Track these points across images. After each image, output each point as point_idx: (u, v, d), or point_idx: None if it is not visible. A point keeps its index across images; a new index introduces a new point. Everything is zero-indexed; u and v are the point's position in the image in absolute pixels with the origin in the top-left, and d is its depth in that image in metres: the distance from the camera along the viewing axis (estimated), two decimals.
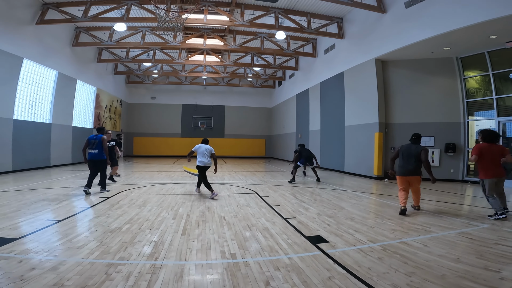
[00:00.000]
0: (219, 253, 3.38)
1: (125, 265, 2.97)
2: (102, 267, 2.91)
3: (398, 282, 2.59)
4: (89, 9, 11.42)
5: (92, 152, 6.88)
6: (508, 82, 9.19)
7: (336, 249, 3.48)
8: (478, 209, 5.95)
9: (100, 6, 11.57)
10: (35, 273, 2.70)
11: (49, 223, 4.38)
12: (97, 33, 14.33)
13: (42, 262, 2.94)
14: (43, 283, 2.51)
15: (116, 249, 3.42)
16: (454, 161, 10.15)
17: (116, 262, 3.04)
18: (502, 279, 2.58)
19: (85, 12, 11.35)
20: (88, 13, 11.40)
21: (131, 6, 11.46)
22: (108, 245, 3.54)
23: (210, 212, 5.38)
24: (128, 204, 5.82)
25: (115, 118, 20.20)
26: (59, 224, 4.35)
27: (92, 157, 6.87)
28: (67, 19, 11.50)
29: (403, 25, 9.50)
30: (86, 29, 14.08)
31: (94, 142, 6.88)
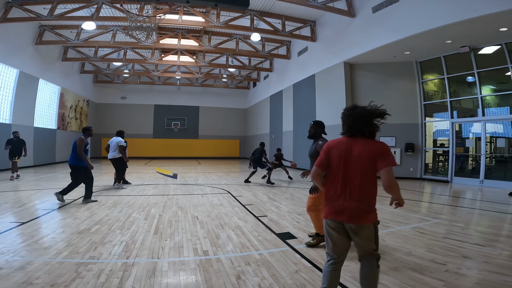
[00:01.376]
0: (192, 250, 3.47)
1: (96, 264, 2.98)
2: (72, 266, 2.91)
3: (357, 273, 2.78)
4: (56, 7, 10.88)
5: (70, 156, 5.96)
6: (465, 85, 10.05)
7: (303, 245, 3.70)
8: (433, 205, 6.50)
9: (68, 4, 11.06)
10: (3, 272, 2.69)
11: (13, 225, 4.22)
12: (63, 31, 13.69)
13: (9, 262, 2.92)
14: (12, 281, 2.52)
15: (85, 249, 3.40)
16: (413, 160, 10.91)
17: (86, 261, 3.04)
18: (447, 271, 2.83)
19: (51, 11, 10.81)
20: (54, 11, 10.87)
21: (102, 5, 11.09)
22: (76, 245, 3.51)
23: (183, 212, 5.42)
24: (97, 206, 5.69)
25: (81, 118, 19.33)
26: (23, 226, 4.21)
27: (69, 162, 5.95)
28: (32, 17, 10.88)
29: (370, 29, 10.04)
30: (51, 28, 13.40)
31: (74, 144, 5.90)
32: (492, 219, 5.01)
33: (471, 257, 3.22)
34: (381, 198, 6.91)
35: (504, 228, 4.46)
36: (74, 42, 13.57)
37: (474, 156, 9.73)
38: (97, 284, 2.55)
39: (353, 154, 2.07)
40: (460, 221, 4.80)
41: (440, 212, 5.61)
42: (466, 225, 4.56)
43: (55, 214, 5.08)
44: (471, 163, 9.99)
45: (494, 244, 3.62)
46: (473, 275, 2.76)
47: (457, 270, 2.87)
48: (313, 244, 3.64)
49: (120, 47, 15.95)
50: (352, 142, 2.12)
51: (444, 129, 10.63)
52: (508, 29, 7.56)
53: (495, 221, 4.84)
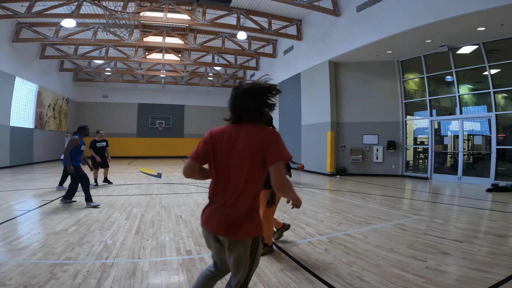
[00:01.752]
0: (174, 250, 3.40)
1: (72, 265, 2.88)
2: (46, 267, 2.80)
3: (341, 271, 2.85)
4: (34, 4, 10.43)
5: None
6: (444, 84, 10.36)
7: (288, 243, 3.69)
8: (414, 202, 6.67)
9: (46, 1, 10.62)
10: None
11: None
12: (42, 29, 13.17)
13: None
14: None
15: (61, 250, 3.28)
16: (395, 158, 11.18)
17: (62, 262, 2.94)
18: (427, 268, 2.86)
19: (29, 8, 10.36)
20: (32, 9, 10.42)
21: (83, 3, 10.72)
22: (52, 246, 3.38)
23: (167, 211, 5.32)
24: (76, 206, 5.50)
25: (60, 117, 18.66)
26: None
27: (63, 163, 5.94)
28: (9, 15, 10.39)
29: (354, 28, 10.17)
30: (29, 25, 12.85)
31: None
32: (470, 215, 5.19)
33: (450, 253, 3.29)
34: (364, 195, 7.03)
35: (481, 224, 4.61)
36: (52, 40, 13.10)
37: (452, 154, 10.07)
38: (73, 285, 2.46)
39: (236, 145, 1.56)
40: (440, 218, 4.93)
41: (420, 208, 5.75)
42: (445, 221, 4.69)
43: (32, 215, 4.87)
44: (449, 160, 10.33)
45: (472, 240, 3.71)
46: (453, 272, 2.81)
47: (437, 267, 2.91)
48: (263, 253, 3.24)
49: (102, 44, 15.49)
50: (237, 130, 1.60)
51: (424, 127, 10.94)
52: (485, 28, 7.82)
53: (473, 217, 5.01)
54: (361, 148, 11.46)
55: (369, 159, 11.40)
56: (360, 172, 11.43)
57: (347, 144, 11.66)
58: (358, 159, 11.40)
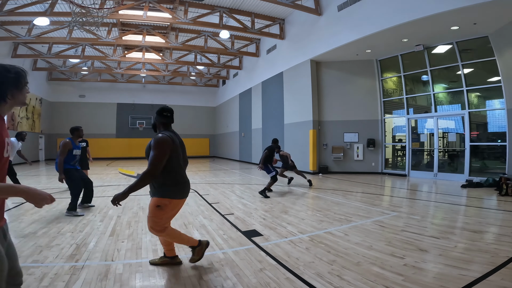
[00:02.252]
0: (151, 252, 3.28)
1: (39, 268, 2.74)
2: None
3: (321, 270, 2.82)
4: (6, 3, 9.90)
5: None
6: (420, 83, 10.68)
7: (269, 242, 3.65)
8: (392, 199, 6.81)
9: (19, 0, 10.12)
10: None
11: None
12: (13, 27, 12.60)
13: None
14: None
15: (28, 253, 3.11)
16: (375, 155, 11.42)
17: (28, 265, 2.78)
18: (405, 265, 2.88)
19: (0, 6, 9.82)
20: (4, 7, 9.88)
21: (57, 1, 10.27)
22: (19, 249, 3.17)
23: (144, 212, 5.14)
24: (46, 209, 5.23)
25: (33, 118, 17.82)
26: None
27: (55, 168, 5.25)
28: None
29: (335, 27, 10.29)
30: (0, 24, 12.21)
31: None
32: (446, 211, 5.32)
33: (428, 250, 3.32)
34: (345, 193, 7.08)
35: (457, 220, 4.72)
36: (25, 38, 12.56)
37: (428, 151, 10.40)
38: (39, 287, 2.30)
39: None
40: (417, 214, 5.04)
41: (398, 205, 5.86)
42: (422, 218, 4.78)
43: None
44: (426, 157, 10.66)
45: (449, 236, 3.78)
46: (430, 269, 2.83)
47: (414, 264, 2.93)
48: (157, 263, 2.93)
49: (78, 43, 14.92)
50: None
51: (401, 125, 11.24)
52: (459, 27, 8.08)
53: (449, 213, 5.14)
54: (342, 146, 11.62)
55: (350, 157, 11.59)
56: (342, 170, 11.60)
57: (328, 143, 11.79)
58: (339, 157, 11.56)
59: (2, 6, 9.85)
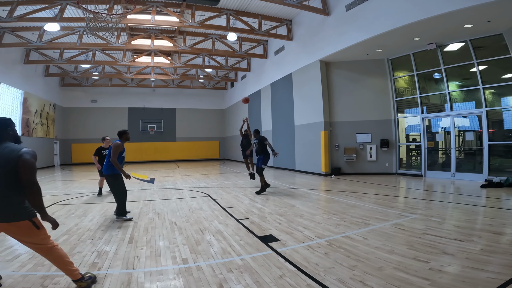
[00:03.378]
0: (170, 258, 3.27)
1: (63, 276, 2.75)
2: (37, 279, 2.68)
3: (343, 276, 2.77)
4: (16, 9, 10.14)
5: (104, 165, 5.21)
6: (432, 81, 10.47)
7: (286, 247, 3.60)
8: (409, 200, 6.66)
9: (28, 6, 10.33)
10: None
11: None
12: (25, 33, 12.86)
13: None
14: None
15: None
16: (388, 156, 11.22)
17: (53, 274, 2.81)
18: (431, 269, 2.79)
19: (10, 12, 10.07)
20: (14, 13, 10.13)
21: (66, 6, 10.47)
22: (42, 257, 3.21)
23: (160, 218, 5.17)
24: (66, 215, 5.31)
25: (47, 123, 18.21)
26: None
27: (104, 172, 5.22)
28: None
29: (344, 27, 10.17)
30: (12, 30, 12.50)
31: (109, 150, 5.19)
32: (467, 212, 5.15)
33: (452, 253, 3.23)
34: (360, 195, 6.98)
35: (480, 222, 4.57)
36: (36, 44, 12.78)
37: (445, 150, 10.16)
38: None
39: None
40: (437, 216, 4.90)
41: (417, 207, 5.73)
42: (443, 220, 4.66)
43: None
44: (442, 157, 10.42)
45: (473, 239, 3.67)
46: (457, 273, 2.75)
47: (440, 268, 2.85)
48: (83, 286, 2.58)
49: (88, 48, 15.18)
50: None
51: (415, 124, 11.02)
52: (472, 25, 7.89)
53: (471, 215, 4.98)
54: (355, 147, 11.47)
55: (363, 157, 11.43)
56: (355, 171, 11.44)
57: (340, 144, 11.66)
58: (352, 158, 11.41)
59: (12, 12, 10.09)
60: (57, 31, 12.11)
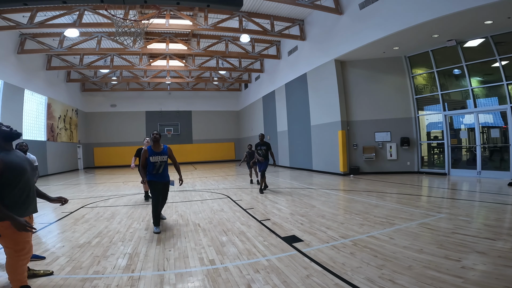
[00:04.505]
0: (198, 260, 3.36)
1: (101, 279, 2.88)
2: (77, 282, 2.81)
3: (371, 275, 2.76)
4: (36, 15, 10.61)
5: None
6: (452, 77, 10.16)
7: (311, 247, 3.61)
8: (434, 199, 6.50)
9: (48, 12, 10.77)
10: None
11: None
12: (45, 39, 13.38)
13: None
14: None
15: (88, 263, 3.29)
16: (409, 154, 10.97)
17: (91, 277, 2.94)
18: (463, 268, 2.76)
19: (31, 19, 10.55)
20: (34, 19, 10.61)
21: (84, 12, 10.87)
22: (78, 260, 3.39)
23: (184, 219, 5.29)
24: (95, 218, 5.53)
25: (71, 128, 18.94)
26: None
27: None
28: (11, 26, 10.58)
29: (358, 26, 10.05)
30: (33, 36, 13.07)
31: None
32: (496, 211, 4.98)
33: (484, 251, 3.16)
34: (382, 194, 6.87)
35: (509, 220, 4.42)
36: (57, 50, 13.28)
37: (469, 148, 9.84)
38: None
39: None
40: (465, 215, 4.77)
41: (442, 206, 5.59)
42: (472, 219, 4.53)
43: (53, 227, 4.91)
44: (466, 154, 10.09)
45: (505, 238, 3.57)
46: (490, 270, 2.69)
47: (473, 266, 2.81)
48: None
49: (106, 53, 15.68)
50: None
51: (436, 122, 10.71)
52: (492, 22, 7.65)
53: (500, 213, 4.81)
54: (374, 146, 11.29)
55: (383, 156, 11.22)
56: (374, 171, 11.26)
57: (359, 143, 11.50)
58: (371, 157, 11.23)
59: (32, 18, 10.54)
60: (76, 36, 12.56)
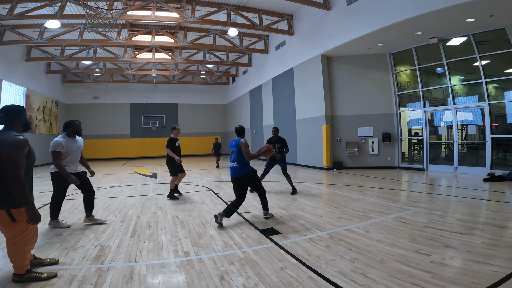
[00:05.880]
0: (172, 252, 3.30)
1: (67, 270, 2.81)
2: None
3: (344, 268, 2.78)
4: (16, 6, 10.13)
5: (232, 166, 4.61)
6: (435, 75, 10.38)
7: (288, 240, 3.62)
8: (412, 194, 6.65)
9: (28, 3, 10.29)
10: None
11: None
12: (25, 31, 12.86)
13: None
14: None
15: (55, 255, 3.20)
16: (390, 149, 11.18)
17: (57, 268, 2.86)
18: (432, 262, 2.79)
19: (10, 10, 10.06)
20: (14, 10, 10.12)
21: (66, 3, 10.43)
22: (46, 251, 3.29)
23: (163, 212, 5.21)
24: (69, 210, 5.37)
25: (50, 120, 18.32)
26: None
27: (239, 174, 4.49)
28: None
29: (345, 22, 10.09)
30: (12, 27, 12.49)
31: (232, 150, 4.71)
32: (469, 206, 5.13)
33: (454, 246, 3.22)
34: (362, 188, 6.97)
35: (482, 215, 4.56)
36: (37, 42, 12.81)
37: (447, 144, 10.11)
38: None
39: None
40: (439, 209, 4.90)
41: (419, 200, 5.72)
42: (445, 213, 4.65)
43: None
44: (444, 151, 10.37)
45: (475, 232, 3.65)
46: (458, 265, 2.75)
47: (442, 261, 2.85)
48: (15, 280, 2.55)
49: (89, 45, 15.19)
50: None
51: (417, 118, 10.95)
52: (474, 20, 7.82)
53: (473, 208, 4.96)
54: (357, 141, 11.44)
55: (365, 151, 11.40)
56: (357, 165, 11.43)
57: (342, 138, 11.63)
58: (354, 152, 11.39)
59: (12, 10, 10.08)
60: (57, 28, 12.08)
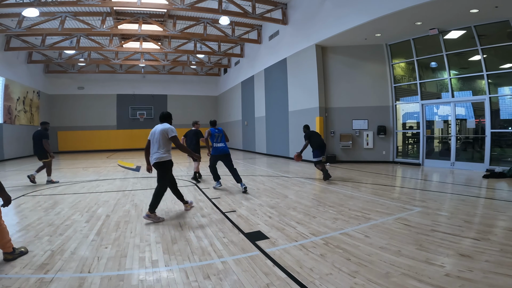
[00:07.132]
0: (137, 260, 2.78)
1: (0, 280, 2.30)
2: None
3: (342, 285, 2.30)
4: None
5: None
6: (429, 69, 9.97)
7: (276, 247, 3.12)
8: (411, 191, 6.22)
9: None
10: None
11: None
12: (3, 20, 12.06)
13: None
14: None
15: None
16: (385, 143, 10.77)
17: None
18: (448, 276, 2.35)
19: None
20: None
21: None
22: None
23: (137, 210, 4.66)
24: (31, 208, 4.76)
25: (31, 111, 17.41)
26: None
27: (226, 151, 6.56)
28: None
29: (341, 10, 9.57)
30: None
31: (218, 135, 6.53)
32: (475, 205, 4.70)
33: (469, 255, 2.77)
34: (357, 184, 6.51)
35: (490, 217, 4.09)
36: (15, 31, 12.03)
37: (444, 138, 9.74)
38: None
39: None
40: (444, 209, 4.45)
41: (420, 199, 5.28)
42: (451, 214, 4.19)
43: None
44: (440, 145, 10.01)
45: (489, 237, 3.22)
46: (479, 279, 2.28)
47: (459, 274, 2.39)
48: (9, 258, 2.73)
49: (72, 34, 14.30)
50: None
51: (412, 112, 10.55)
52: (478, 10, 7.36)
53: (479, 208, 4.53)
54: (351, 134, 10.99)
55: (359, 145, 10.97)
56: (350, 159, 11.00)
57: (336, 130, 11.17)
58: (348, 145, 10.95)
59: None
60: (36, 16, 11.29)
